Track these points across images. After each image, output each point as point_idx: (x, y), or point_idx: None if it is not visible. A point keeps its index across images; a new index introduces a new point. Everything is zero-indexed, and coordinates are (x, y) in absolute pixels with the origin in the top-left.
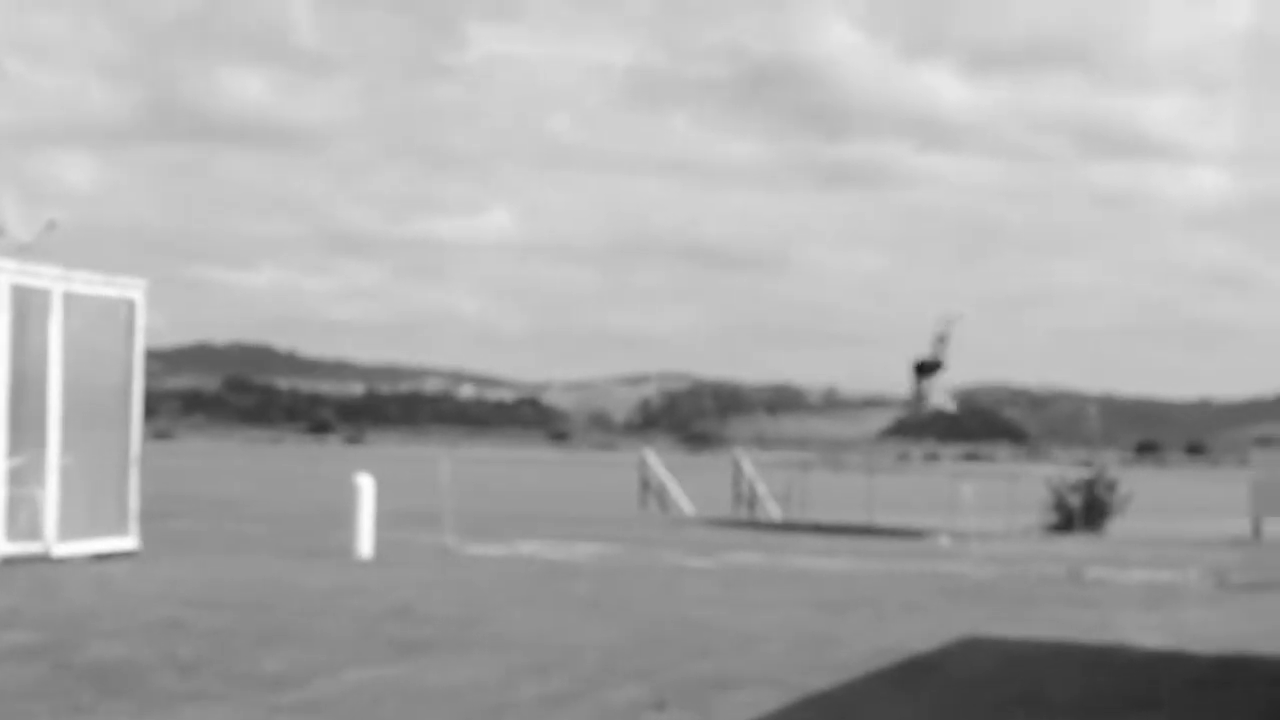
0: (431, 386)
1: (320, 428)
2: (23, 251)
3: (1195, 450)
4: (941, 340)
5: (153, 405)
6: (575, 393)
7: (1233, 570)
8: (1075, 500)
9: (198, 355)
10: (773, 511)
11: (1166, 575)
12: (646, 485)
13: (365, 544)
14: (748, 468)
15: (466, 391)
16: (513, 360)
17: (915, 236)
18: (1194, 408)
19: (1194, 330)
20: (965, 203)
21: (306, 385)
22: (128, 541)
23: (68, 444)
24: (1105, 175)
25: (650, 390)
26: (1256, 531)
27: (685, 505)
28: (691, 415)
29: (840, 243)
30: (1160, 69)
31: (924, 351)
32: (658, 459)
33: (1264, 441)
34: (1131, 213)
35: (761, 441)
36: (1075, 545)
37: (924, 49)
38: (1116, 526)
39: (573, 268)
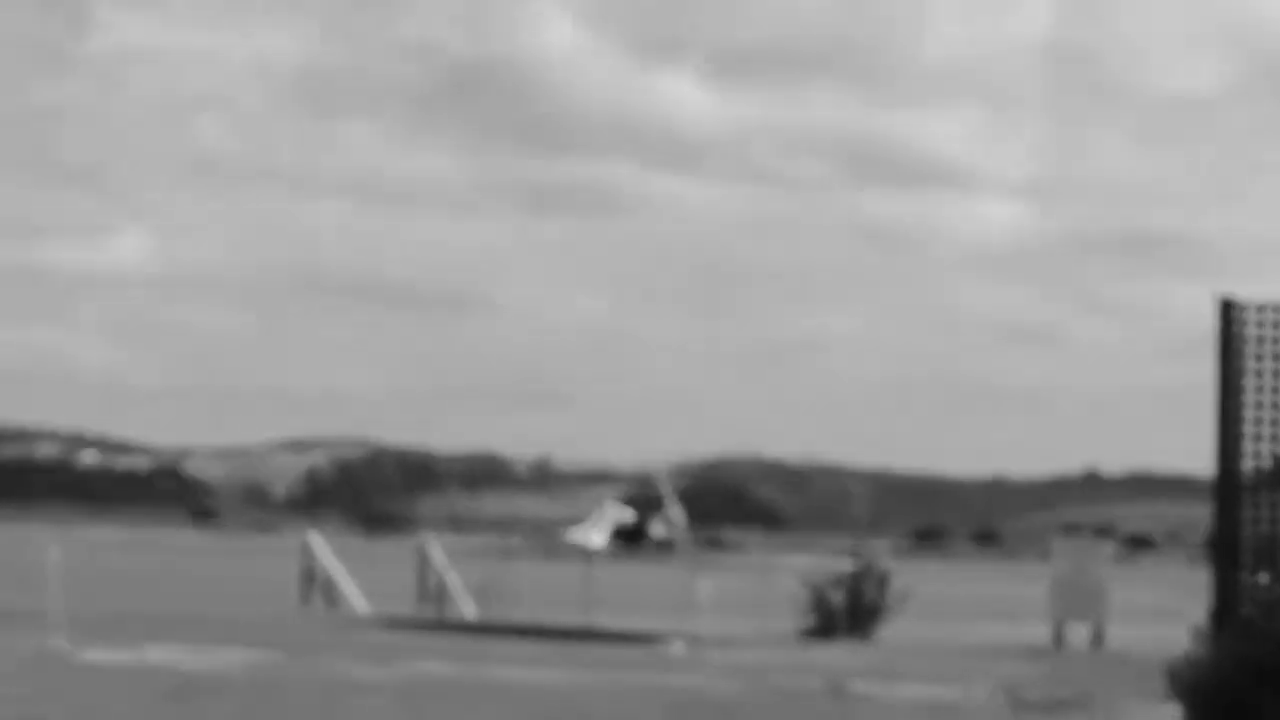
0: (44, 452)
1: None
2: None
3: (985, 538)
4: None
5: None
6: (225, 461)
7: (1028, 685)
8: (838, 598)
9: None
10: (468, 610)
11: (948, 692)
12: (311, 576)
13: None
14: (437, 555)
15: (88, 458)
16: (146, 420)
17: (645, 274)
18: (984, 488)
19: (984, 394)
20: (706, 235)
21: None
22: None
23: None
24: (878, 205)
25: (318, 459)
26: (1058, 639)
27: (359, 602)
28: (370, 490)
29: (553, 281)
30: (944, 82)
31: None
32: (325, 544)
33: (1069, 530)
34: (909, 251)
35: (456, 523)
36: (838, 654)
37: (659, 51)
38: (889, 631)
39: (222, 308)
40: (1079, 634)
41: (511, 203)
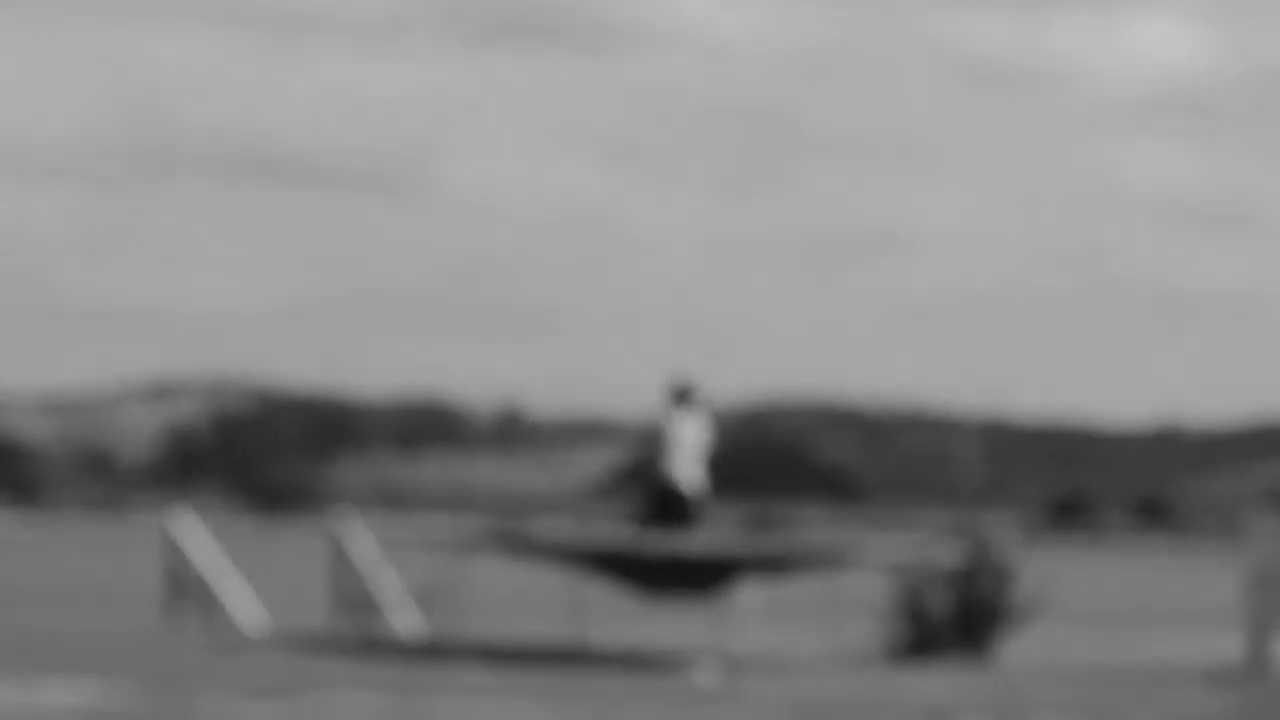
0: None
1: None
2: None
3: (1150, 511)
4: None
5: None
6: (51, 414)
7: None
8: (940, 601)
9: None
10: (405, 623)
11: None
12: (178, 579)
13: None
14: (361, 545)
15: None
16: None
17: (649, 137)
18: (1147, 441)
19: (1145, 307)
20: (736, 79)
21: None
22: None
23: None
24: (983, 29)
25: (184, 410)
26: (1257, 657)
27: (247, 614)
28: (261, 453)
29: (519, 148)
30: None
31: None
32: (199, 530)
33: (1272, 499)
34: (1031, 98)
35: (389, 498)
36: (940, 681)
37: None
38: (1014, 647)
39: (34, 190)
40: None
41: (456, 32)
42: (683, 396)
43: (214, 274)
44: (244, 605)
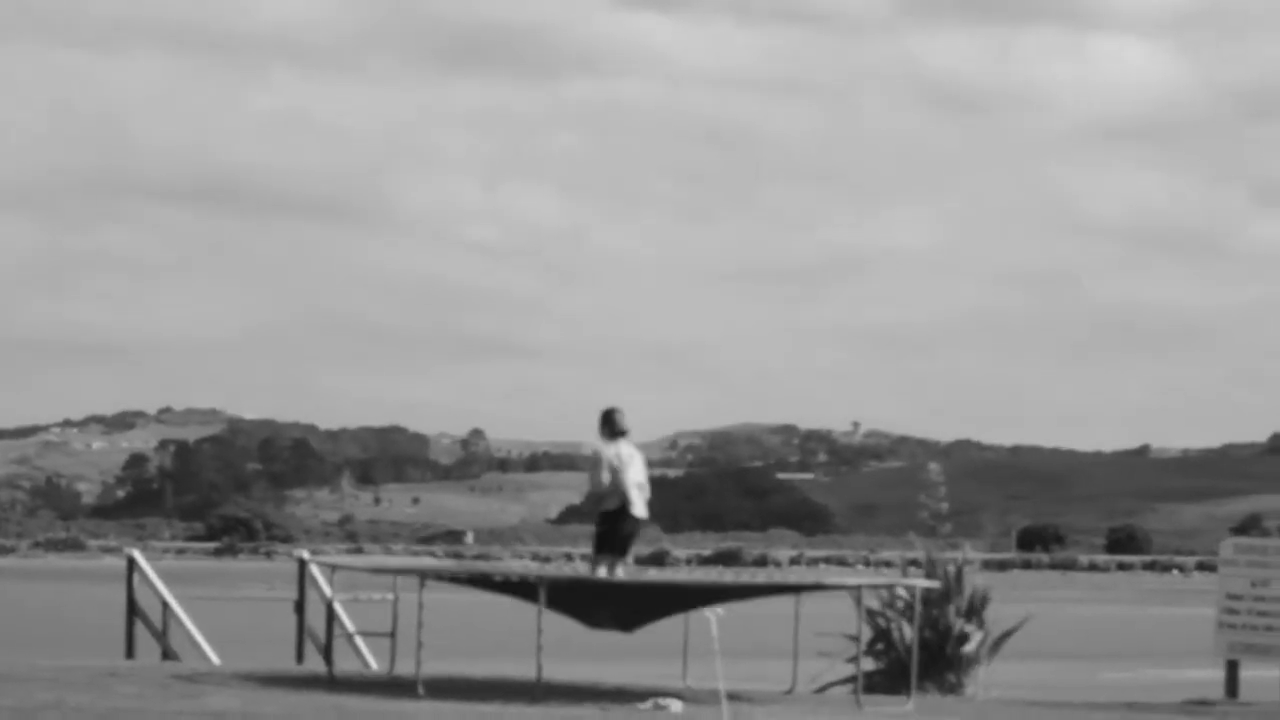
0: None
1: None
2: None
3: (1123, 540)
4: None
5: None
6: (6, 449)
7: None
8: (909, 631)
9: None
10: (368, 658)
11: None
12: (138, 613)
13: None
14: (321, 580)
15: None
16: None
17: (614, 160)
18: (1119, 465)
19: (1114, 328)
20: (702, 101)
21: None
22: None
23: None
24: (948, 51)
25: (139, 443)
26: (1231, 682)
27: (208, 648)
28: (216, 486)
29: (479, 171)
30: None
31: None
32: (158, 565)
33: (1251, 525)
34: (997, 120)
35: (348, 533)
36: (910, 715)
37: None
38: (988, 677)
39: None
40: (1259, 672)
41: (412, 56)
42: (611, 426)
43: (170, 302)
44: (204, 639)
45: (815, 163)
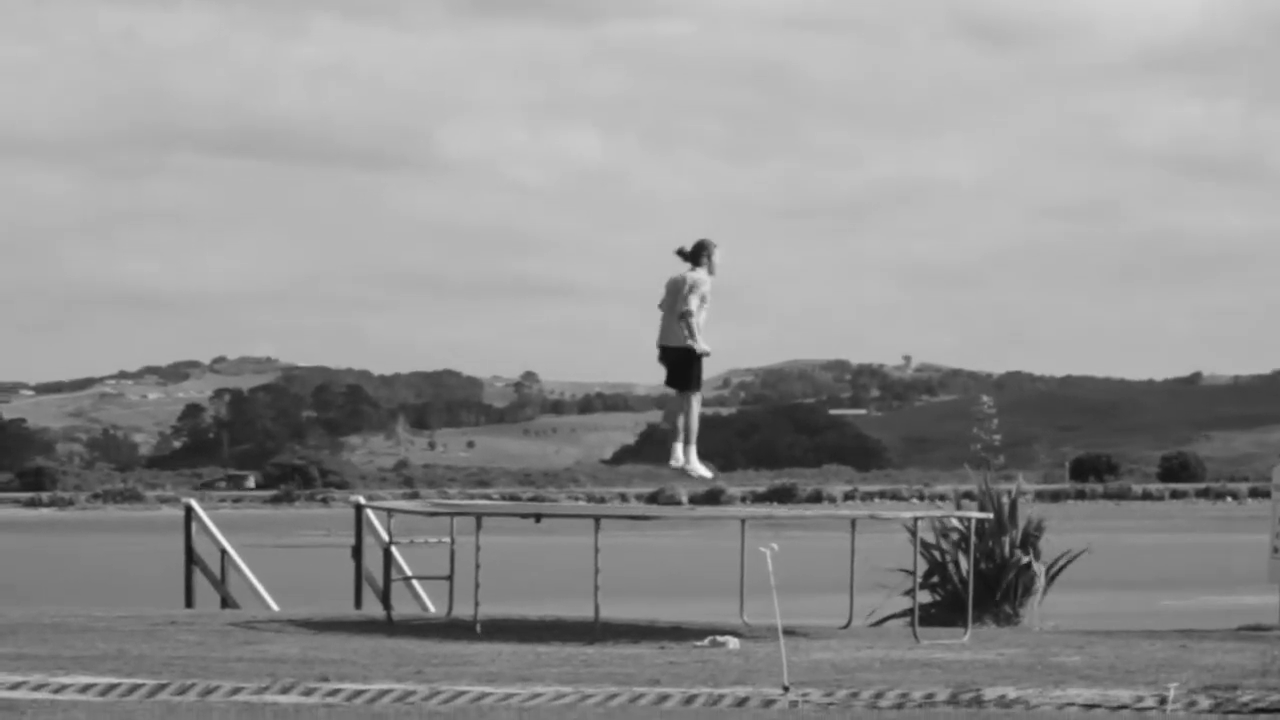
0: None
1: None
2: None
3: (1176, 468)
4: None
5: None
6: (63, 401)
7: (1244, 683)
8: (964, 562)
9: None
10: (427, 601)
11: (1129, 695)
12: (197, 562)
13: None
14: (379, 526)
15: None
16: None
17: (655, 100)
18: (1171, 393)
19: (1152, 256)
20: (742, 40)
21: None
22: None
23: None
24: None
25: (195, 392)
26: None
27: (267, 595)
28: (272, 434)
29: (522, 115)
30: None
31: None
32: (217, 514)
33: None
34: (1038, 54)
35: (403, 478)
36: (967, 646)
37: None
38: (1043, 608)
39: (38, 173)
40: None
41: (456, 2)
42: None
43: (219, 253)
44: (262, 586)
45: (857, 98)
